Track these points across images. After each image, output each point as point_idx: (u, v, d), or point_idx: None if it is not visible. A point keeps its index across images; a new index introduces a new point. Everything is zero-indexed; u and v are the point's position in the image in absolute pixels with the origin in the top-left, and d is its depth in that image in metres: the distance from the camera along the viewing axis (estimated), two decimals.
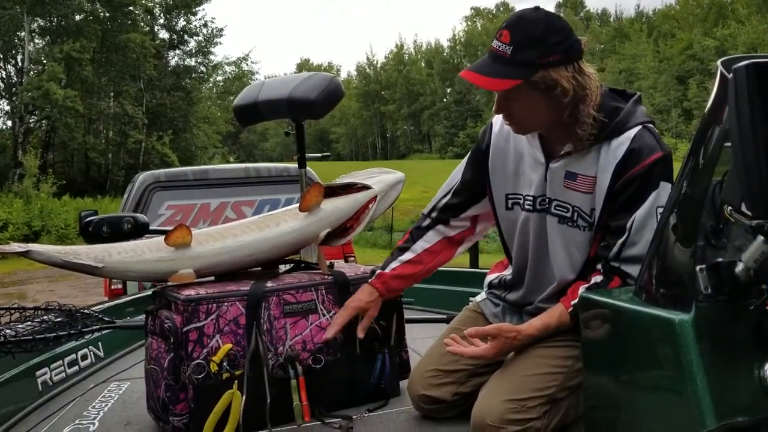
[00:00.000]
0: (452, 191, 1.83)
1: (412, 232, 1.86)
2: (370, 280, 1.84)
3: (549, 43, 1.47)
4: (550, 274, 1.67)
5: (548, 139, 1.63)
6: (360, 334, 1.83)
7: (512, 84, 1.50)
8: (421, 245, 1.83)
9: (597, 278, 1.56)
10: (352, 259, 4.61)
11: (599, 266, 1.57)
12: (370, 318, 1.85)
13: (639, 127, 1.53)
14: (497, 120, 1.73)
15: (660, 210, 1.49)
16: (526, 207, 1.67)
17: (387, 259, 1.87)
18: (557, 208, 1.62)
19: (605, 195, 1.54)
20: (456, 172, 1.84)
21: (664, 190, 1.50)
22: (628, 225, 1.51)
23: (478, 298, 1.91)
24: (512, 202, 1.72)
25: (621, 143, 1.52)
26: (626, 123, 1.54)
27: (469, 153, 1.83)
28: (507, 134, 1.71)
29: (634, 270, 1.50)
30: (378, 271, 1.84)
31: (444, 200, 1.84)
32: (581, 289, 1.55)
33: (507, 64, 1.49)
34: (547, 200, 1.63)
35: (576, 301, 1.55)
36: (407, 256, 1.84)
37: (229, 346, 1.71)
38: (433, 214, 1.85)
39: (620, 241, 1.52)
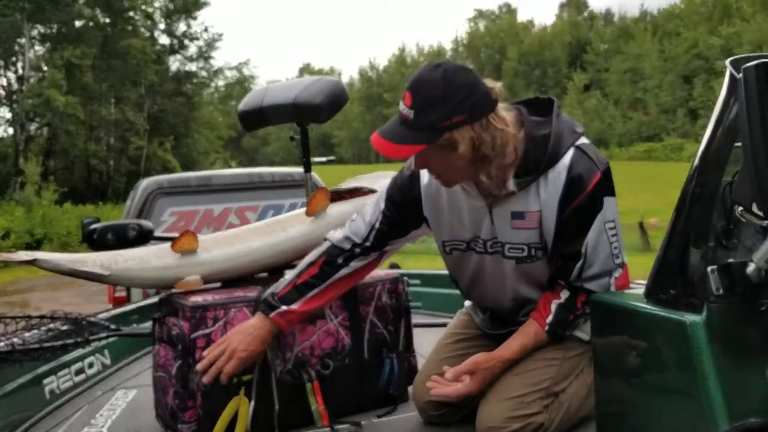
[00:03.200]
0: (374, 231, 1.70)
1: (322, 267, 1.69)
2: (271, 315, 1.64)
3: (450, 104, 1.42)
4: (521, 301, 1.67)
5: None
6: (223, 380, 1.62)
7: (416, 150, 1.47)
8: (330, 283, 1.69)
9: (564, 293, 1.58)
10: None
11: (562, 282, 1.58)
12: (251, 363, 1.67)
13: (572, 150, 1.51)
14: (425, 171, 1.66)
15: (608, 225, 1.52)
16: (477, 249, 1.64)
17: (289, 292, 1.66)
18: (511, 251, 1.59)
19: (554, 227, 1.53)
20: (374, 209, 1.72)
21: (609, 204, 1.52)
22: (583, 250, 1.52)
23: (468, 302, 1.90)
24: (450, 248, 1.70)
25: (558, 173, 1.50)
26: (558, 151, 1.50)
27: (385, 194, 1.72)
28: (437, 187, 1.65)
29: (596, 285, 1.54)
30: (283, 308, 1.64)
31: (369, 238, 1.70)
32: (554, 305, 1.57)
33: (411, 128, 1.45)
34: (499, 244, 1.60)
35: (551, 318, 1.58)
36: (314, 292, 1.67)
37: None
38: (356, 251, 1.70)
39: (578, 265, 1.53)
